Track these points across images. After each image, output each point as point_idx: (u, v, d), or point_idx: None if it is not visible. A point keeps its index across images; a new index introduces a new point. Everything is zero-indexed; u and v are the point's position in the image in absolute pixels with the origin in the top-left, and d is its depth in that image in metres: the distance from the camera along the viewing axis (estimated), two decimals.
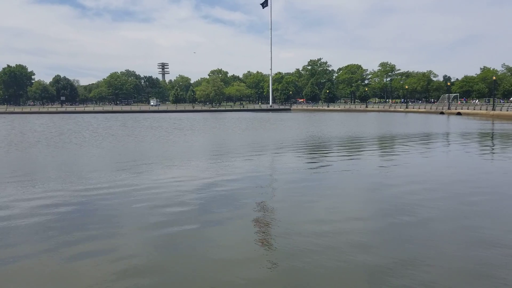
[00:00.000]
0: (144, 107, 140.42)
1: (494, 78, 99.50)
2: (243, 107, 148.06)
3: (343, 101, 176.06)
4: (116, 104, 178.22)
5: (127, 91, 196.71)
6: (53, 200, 12.71)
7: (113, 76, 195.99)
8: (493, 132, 40.26)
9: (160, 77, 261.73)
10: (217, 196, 13.25)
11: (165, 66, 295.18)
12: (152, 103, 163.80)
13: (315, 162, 21.29)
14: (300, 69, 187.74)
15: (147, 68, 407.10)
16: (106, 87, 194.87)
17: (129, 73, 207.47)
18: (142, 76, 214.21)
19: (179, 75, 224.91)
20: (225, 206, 11.90)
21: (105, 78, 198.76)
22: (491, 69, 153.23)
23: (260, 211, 11.49)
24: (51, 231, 9.76)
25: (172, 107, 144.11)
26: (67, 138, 35.60)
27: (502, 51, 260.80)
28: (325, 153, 25.31)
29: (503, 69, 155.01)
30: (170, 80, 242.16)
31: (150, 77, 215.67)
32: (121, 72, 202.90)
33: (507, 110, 68.68)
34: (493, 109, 74.78)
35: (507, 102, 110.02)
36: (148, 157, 22.56)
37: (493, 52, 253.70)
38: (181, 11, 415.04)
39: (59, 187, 14.68)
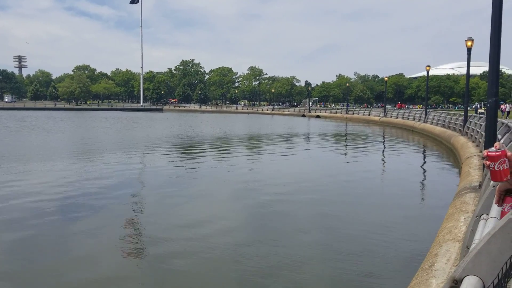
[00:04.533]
0: None
1: (347, 85, 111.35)
2: (112, 105, 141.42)
3: (215, 102, 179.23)
4: None
5: None
6: None
7: None
8: (346, 133, 45.35)
9: (16, 71, 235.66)
10: (76, 201, 12.17)
11: (22, 60, 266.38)
12: (6, 99, 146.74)
13: (184, 163, 21.76)
14: (173, 69, 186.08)
15: (0, 61, 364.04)
16: None
17: None
18: None
19: (39, 69, 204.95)
20: (86, 211, 11.10)
21: None
22: (345, 76, 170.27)
23: (125, 215, 10.97)
24: None
25: (30, 104, 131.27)
26: None
27: (355, 61, 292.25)
28: (195, 153, 25.99)
29: (355, 77, 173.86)
30: (29, 75, 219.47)
31: (5, 70, 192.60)
32: None
33: (358, 114, 77.41)
34: (347, 113, 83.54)
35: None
36: None
37: (347, 61, 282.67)
38: (42, 1, 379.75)
39: None
